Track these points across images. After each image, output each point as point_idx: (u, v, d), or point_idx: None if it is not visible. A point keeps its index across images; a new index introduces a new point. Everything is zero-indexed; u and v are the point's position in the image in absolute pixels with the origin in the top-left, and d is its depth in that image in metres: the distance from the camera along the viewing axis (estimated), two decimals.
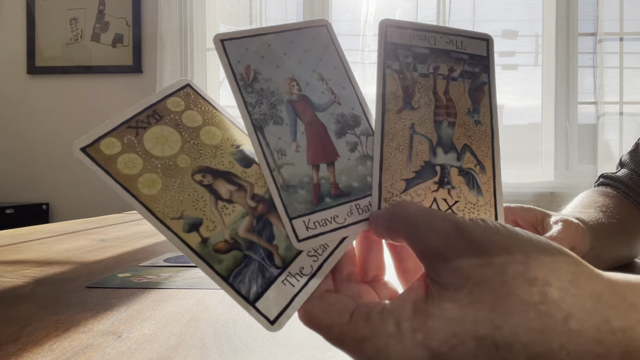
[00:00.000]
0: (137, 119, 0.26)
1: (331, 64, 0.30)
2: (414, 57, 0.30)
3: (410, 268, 0.28)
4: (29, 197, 2.64)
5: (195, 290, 0.49)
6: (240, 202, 0.26)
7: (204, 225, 0.25)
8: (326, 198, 0.27)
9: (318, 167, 0.27)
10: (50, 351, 0.32)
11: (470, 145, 0.29)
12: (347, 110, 0.29)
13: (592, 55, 2.30)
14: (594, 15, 2.28)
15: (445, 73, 0.30)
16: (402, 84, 0.29)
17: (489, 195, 0.29)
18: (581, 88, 2.31)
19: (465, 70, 0.30)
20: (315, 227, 0.26)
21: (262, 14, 2.59)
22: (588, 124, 2.33)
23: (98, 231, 0.96)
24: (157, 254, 0.69)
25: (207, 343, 0.34)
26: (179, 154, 0.26)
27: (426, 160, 0.28)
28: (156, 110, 0.27)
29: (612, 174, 0.68)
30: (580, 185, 2.15)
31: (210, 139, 0.27)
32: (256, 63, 0.28)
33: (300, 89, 0.28)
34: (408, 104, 0.29)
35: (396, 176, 0.28)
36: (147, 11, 2.58)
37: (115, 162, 0.25)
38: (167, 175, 0.25)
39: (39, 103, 2.65)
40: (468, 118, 0.30)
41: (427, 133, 0.29)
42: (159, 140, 0.26)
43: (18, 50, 2.64)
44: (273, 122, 0.27)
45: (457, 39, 0.31)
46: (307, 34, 0.30)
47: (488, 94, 0.31)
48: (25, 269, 0.60)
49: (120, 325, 0.38)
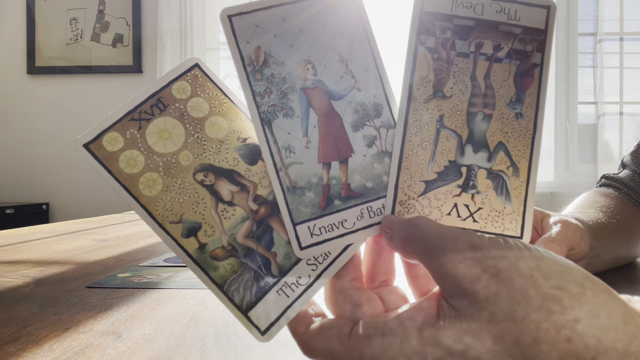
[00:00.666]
0: (140, 109, 0.25)
1: (355, 41, 0.25)
2: (453, 31, 0.25)
3: (421, 273, 0.26)
4: (29, 197, 2.64)
5: (195, 290, 0.49)
6: (242, 204, 0.25)
7: (202, 230, 0.25)
8: (335, 200, 0.25)
9: (329, 166, 0.25)
10: (50, 351, 0.32)
11: (505, 143, 0.25)
12: (368, 98, 0.26)
13: (592, 55, 2.30)
14: (594, 15, 2.28)
15: (489, 52, 0.25)
16: (435, 66, 0.25)
17: (518, 203, 0.26)
18: (581, 88, 2.31)
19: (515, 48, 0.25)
20: (321, 233, 0.25)
21: None
22: (588, 124, 2.33)
23: (98, 231, 0.96)
24: (157, 254, 0.69)
25: (207, 343, 0.34)
26: (181, 150, 0.25)
27: (451, 159, 0.25)
28: (160, 99, 0.25)
29: (614, 175, 0.68)
30: (580, 185, 2.15)
31: (215, 132, 0.26)
32: (267, 43, 0.25)
33: (316, 72, 0.25)
34: (439, 91, 0.25)
35: (415, 177, 0.25)
36: (147, 11, 2.58)
37: (117, 160, 0.24)
38: (168, 175, 0.25)
39: (39, 103, 2.65)
40: (508, 110, 0.25)
41: (456, 127, 0.25)
42: (162, 135, 0.25)
43: (18, 50, 2.64)
44: (283, 115, 0.25)
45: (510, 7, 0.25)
46: (327, 4, 0.25)
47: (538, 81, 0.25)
48: (25, 269, 0.60)
49: (120, 325, 0.38)
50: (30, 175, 2.65)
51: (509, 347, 0.18)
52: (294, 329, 0.24)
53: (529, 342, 0.18)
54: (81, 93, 2.63)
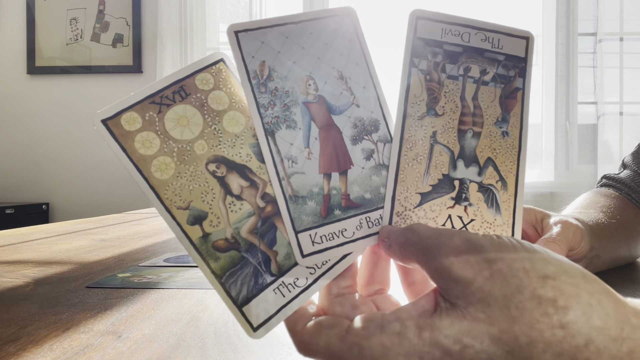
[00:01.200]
0: (162, 94, 0.25)
1: (353, 60, 0.27)
2: (443, 55, 0.28)
3: (417, 280, 0.27)
4: (29, 197, 2.64)
5: (195, 290, 0.49)
6: (250, 200, 0.26)
7: (208, 220, 0.25)
8: (335, 210, 0.26)
9: (330, 176, 0.26)
10: (50, 351, 0.32)
11: (494, 159, 0.28)
12: (366, 114, 0.27)
13: (592, 55, 2.30)
14: (594, 15, 2.28)
15: (476, 76, 0.28)
16: (428, 87, 0.27)
17: (507, 215, 0.27)
18: (581, 88, 2.31)
19: (499, 73, 0.28)
20: (322, 241, 0.25)
21: (262, 14, 2.59)
22: (588, 124, 2.33)
23: (98, 231, 0.97)
24: (157, 254, 0.69)
25: (207, 343, 0.34)
26: (197, 139, 0.26)
27: (445, 173, 0.27)
28: (183, 87, 0.26)
29: (615, 175, 0.68)
30: (580, 185, 2.15)
31: (232, 126, 0.26)
32: (271, 59, 0.26)
33: (317, 88, 0.27)
34: (432, 109, 0.27)
35: (411, 189, 0.27)
36: (147, 11, 2.58)
37: (133, 140, 0.25)
38: (181, 161, 0.25)
39: (39, 103, 2.65)
40: (495, 128, 0.28)
41: (449, 143, 0.27)
42: (180, 122, 0.25)
43: (18, 50, 2.64)
44: (286, 126, 0.26)
45: (493, 36, 0.28)
46: (328, 25, 0.27)
47: (521, 103, 0.28)
48: (25, 269, 0.60)
49: (120, 325, 0.38)
50: (30, 175, 2.65)
51: (506, 346, 0.19)
52: (291, 327, 0.24)
53: (525, 342, 0.18)
54: (81, 93, 2.63)
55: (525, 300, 0.19)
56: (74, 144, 2.63)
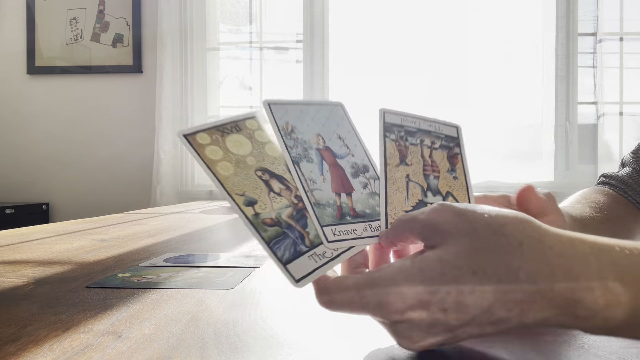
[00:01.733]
0: (224, 127, 0.36)
1: (345, 130, 0.40)
2: (405, 132, 0.40)
3: None
4: (29, 197, 2.64)
5: (195, 290, 0.49)
6: (287, 197, 0.35)
7: (258, 204, 0.34)
8: (347, 216, 0.36)
9: (340, 195, 0.37)
10: (50, 351, 0.32)
11: (452, 192, 0.40)
12: (359, 161, 0.39)
13: (592, 55, 2.31)
14: (594, 15, 2.28)
15: (429, 144, 0.41)
16: (398, 148, 0.40)
17: None
18: (581, 88, 2.32)
19: (443, 144, 0.42)
20: (340, 234, 0.35)
21: (262, 14, 2.59)
22: (588, 124, 2.33)
23: (98, 231, 0.97)
24: (157, 254, 0.69)
25: (207, 343, 0.34)
26: (248, 155, 0.36)
27: (420, 199, 0.38)
28: (237, 125, 0.37)
29: (613, 173, 0.68)
30: (580, 185, 2.14)
31: (272, 152, 0.37)
32: (293, 121, 0.38)
33: (325, 142, 0.39)
34: (403, 161, 0.39)
35: (398, 208, 0.37)
36: (147, 11, 2.58)
37: (204, 149, 0.34)
38: (237, 167, 0.35)
39: (39, 103, 2.65)
40: (448, 175, 0.41)
41: (419, 181, 0.39)
42: (236, 144, 0.36)
43: (18, 50, 2.65)
44: (306, 161, 0.37)
45: (435, 124, 0.42)
46: (327, 109, 0.40)
47: (461, 161, 0.42)
48: (25, 269, 0.60)
49: (120, 325, 0.38)
50: (30, 175, 2.65)
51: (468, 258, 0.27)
52: (317, 281, 0.32)
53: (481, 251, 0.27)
54: (81, 93, 2.64)
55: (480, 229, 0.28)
56: (74, 144, 2.63)
